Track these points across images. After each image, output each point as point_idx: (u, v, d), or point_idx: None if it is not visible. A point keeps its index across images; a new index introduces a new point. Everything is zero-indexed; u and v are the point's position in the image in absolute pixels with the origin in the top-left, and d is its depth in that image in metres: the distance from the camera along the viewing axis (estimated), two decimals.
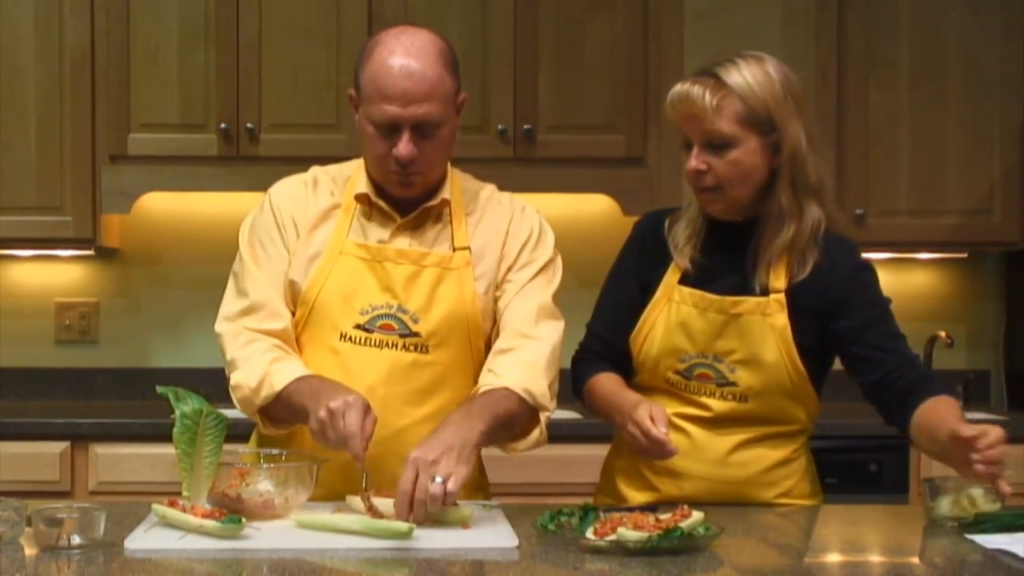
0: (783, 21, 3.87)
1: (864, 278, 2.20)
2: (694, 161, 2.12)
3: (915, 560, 1.90)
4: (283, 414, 2.08)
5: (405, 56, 2.06)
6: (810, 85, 3.87)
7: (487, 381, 2.08)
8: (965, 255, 4.21)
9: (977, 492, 2.01)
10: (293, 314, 2.16)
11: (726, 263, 2.17)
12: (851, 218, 3.87)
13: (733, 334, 2.15)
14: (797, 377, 2.15)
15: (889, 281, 4.18)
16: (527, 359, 2.10)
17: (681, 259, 2.19)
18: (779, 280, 2.14)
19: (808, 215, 2.13)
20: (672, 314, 2.18)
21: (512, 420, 2.05)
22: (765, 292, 2.14)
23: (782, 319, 2.13)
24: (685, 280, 2.19)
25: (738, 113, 2.08)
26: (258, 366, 2.07)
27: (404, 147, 2.06)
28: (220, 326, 2.17)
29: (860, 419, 3.60)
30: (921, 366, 2.22)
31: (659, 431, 2.01)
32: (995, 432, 1.92)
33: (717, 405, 2.17)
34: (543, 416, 2.11)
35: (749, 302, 2.14)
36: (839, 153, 3.88)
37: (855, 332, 2.16)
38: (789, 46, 3.86)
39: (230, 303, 2.18)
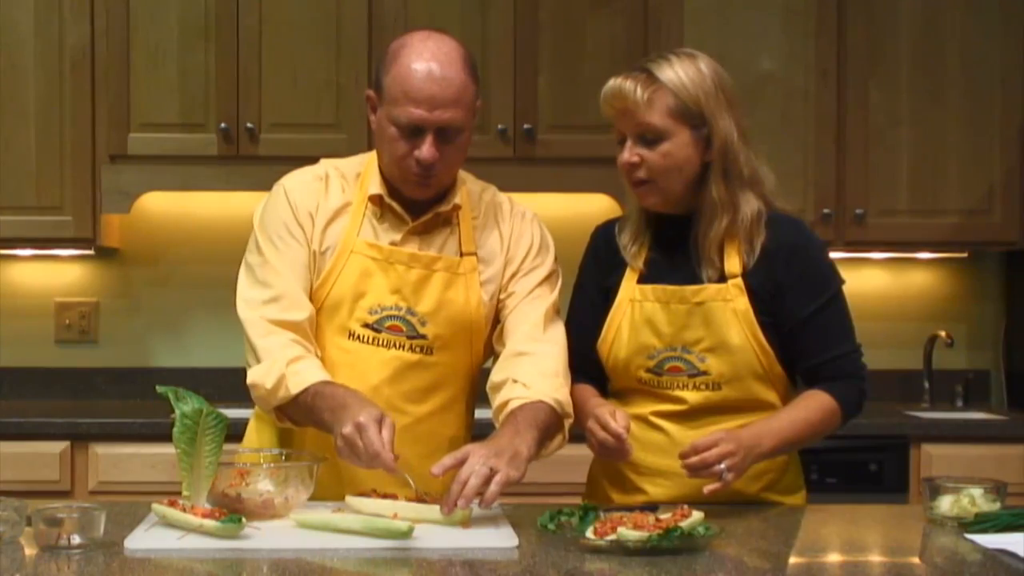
0: (783, 21, 3.87)
1: (806, 259, 2.20)
2: (627, 154, 2.16)
3: (915, 560, 1.90)
4: (299, 416, 2.09)
5: (433, 61, 2.07)
6: (810, 85, 3.88)
7: (518, 393, 2.10)
8: (965, 255, 4.21)
9: (977, 492, 2.01)
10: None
11: (679, 256, 2.20)
12: (851, 218, 3.88)
13: (698, 323, 2.17)
14: (765, 359, 2.17)
15: (889, 281, 4.24)
16: (549, 368, 2.15)
17: (634, 261, 2.23)
18: (734, 265, 2.17)
19: (744, 206, 2.16)
20: (636, 313, 2.20)
21: (549, 431, 2.09)
22: (722, 279, 2.17)
23: (743, 303, 2.15)
24: (643, 279, 2.22)
25: (669, 107, 2.12)
26: (275, 366, 2.06)
27: (427, 150, 2.08)
28: (243, 312, 2.14)
29: (860, 419, 3.60)
30: (841, 365, 2.20)
31: (616, 425, 2.03)
32: (703, 442, 2.00)
33: (691, 396, 2.18)
34: (567, 422, 2.15)
35: (710, 289, 2.17)
36: (839, 153, 3.89)
37: (795, 321, 2.17)
38: (789, 46, 3.87)
39: (250, 290, 2.16)
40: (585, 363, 2.27)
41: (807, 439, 2.17)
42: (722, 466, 1.99)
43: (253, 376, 2.09)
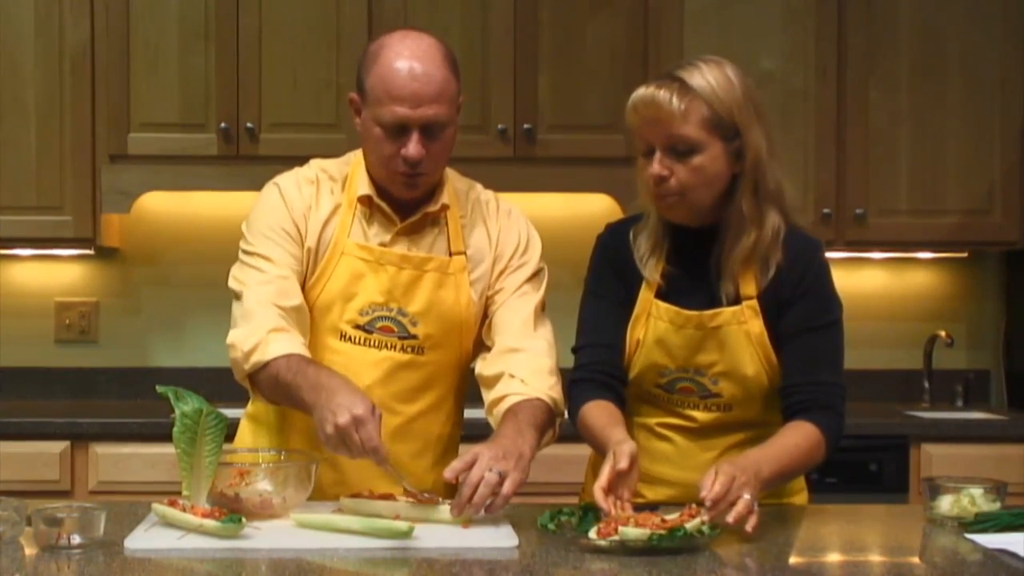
0: (783, 21, 3.87)
1: (814, 281, 2.13)
2: (657, 166, 2.05)
3: (915, 560, 1.90)
4: (273, 391, 2.06)
5: (413, 59, 2.08)
6: (810, 85, 3.88)
7: (516, 389, 2.11)
8: (965, 255, 4.21)
9: (977, 492, 2.01)
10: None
11: (696, 273, 2.14)
12: (851, 218, 3.88)
13: (712, 347, 2.12)
14: (777, 380, 2.13)
15: (889, 281, 4.24)
16: (543, 366, 2.16)
17: (651, 273, 2.15)
18: (749, 287, 2.11)
19: (769, 221, 2.09)
20: (650, 330, 2.15)
21: (545, 429, 2.11)
22: (737, 300, 2.11)
23: (757, 325, 2.11)
24: (660, 294, 2.15)
25: (704, 118, 2.03)
26: (256, 331, 2.06)
27: (414, 148, 2.08)
28: (234, 283, 2.15)
29: (860, 419, 3.61)
30: (825, 394, 2.09)
31: (601, 499, 1.88)
32: (716, 494, 1.83)
33: (702, 416, 2.16)
34: (559, 420, 2.17)
35: (725, 313, 2.11)
36: (839, 153, 3.89)
37: (788, 336, 2.11)
38: (789, 46, 3.87)
39: (242, 272, 2.16)
40: (610, 366, 2.17)
41: (799, 467, 2.08)
42: (745, 496, 1.85)
43: (233, 336, 2.09)
